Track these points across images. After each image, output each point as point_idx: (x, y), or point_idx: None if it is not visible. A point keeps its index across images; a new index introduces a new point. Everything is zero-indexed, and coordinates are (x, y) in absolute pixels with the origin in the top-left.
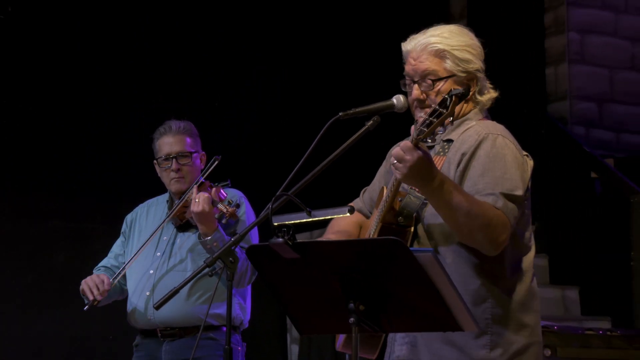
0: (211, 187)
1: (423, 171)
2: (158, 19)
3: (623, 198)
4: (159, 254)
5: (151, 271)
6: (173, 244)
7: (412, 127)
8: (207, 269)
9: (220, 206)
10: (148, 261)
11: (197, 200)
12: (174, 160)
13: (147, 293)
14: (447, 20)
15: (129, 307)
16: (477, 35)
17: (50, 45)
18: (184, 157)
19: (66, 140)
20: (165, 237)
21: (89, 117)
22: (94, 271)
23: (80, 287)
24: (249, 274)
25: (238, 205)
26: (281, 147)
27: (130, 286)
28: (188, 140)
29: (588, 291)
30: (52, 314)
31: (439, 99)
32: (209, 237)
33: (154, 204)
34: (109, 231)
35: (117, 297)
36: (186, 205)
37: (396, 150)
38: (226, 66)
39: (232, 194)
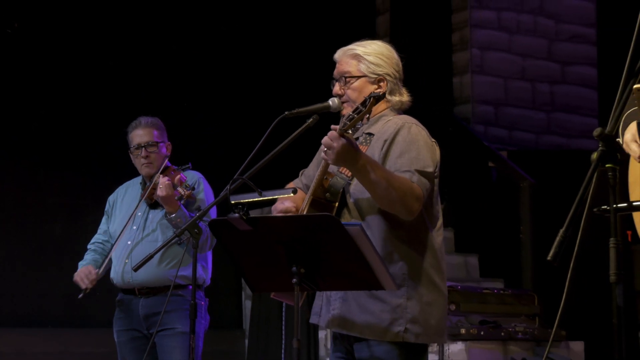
0: (174, 171)
1: (348, 155)
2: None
3: (514, 183)
4: (135, 227)
5: (129, 242)
6: (146, 219)
7: (340, 119)
8: (176, 239)
9: (179, 189)
10: (126, 234)
11: (161, 186)
12: (143, 149)
13: (126, 260)
14: (373, 37)
15: (112, 272)
16: (398, 50)
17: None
18: (152, 146)
19: (62, 132)
20: (139, 213)
21: (82, 114)
22: (88, 246)
23: (74, 279)
24: (209, 242)
25: (194, 188)
26: (238, 139)
27: (113, 255)
28: (155, 132)
29: (486, 258)
30: (51, 275)
31: (352, 94)
32: (172, 215)
33: (130, 185)
34: (97, 207)
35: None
36: (154, 188)
37: (325, 139)
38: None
39: (191, 176)
